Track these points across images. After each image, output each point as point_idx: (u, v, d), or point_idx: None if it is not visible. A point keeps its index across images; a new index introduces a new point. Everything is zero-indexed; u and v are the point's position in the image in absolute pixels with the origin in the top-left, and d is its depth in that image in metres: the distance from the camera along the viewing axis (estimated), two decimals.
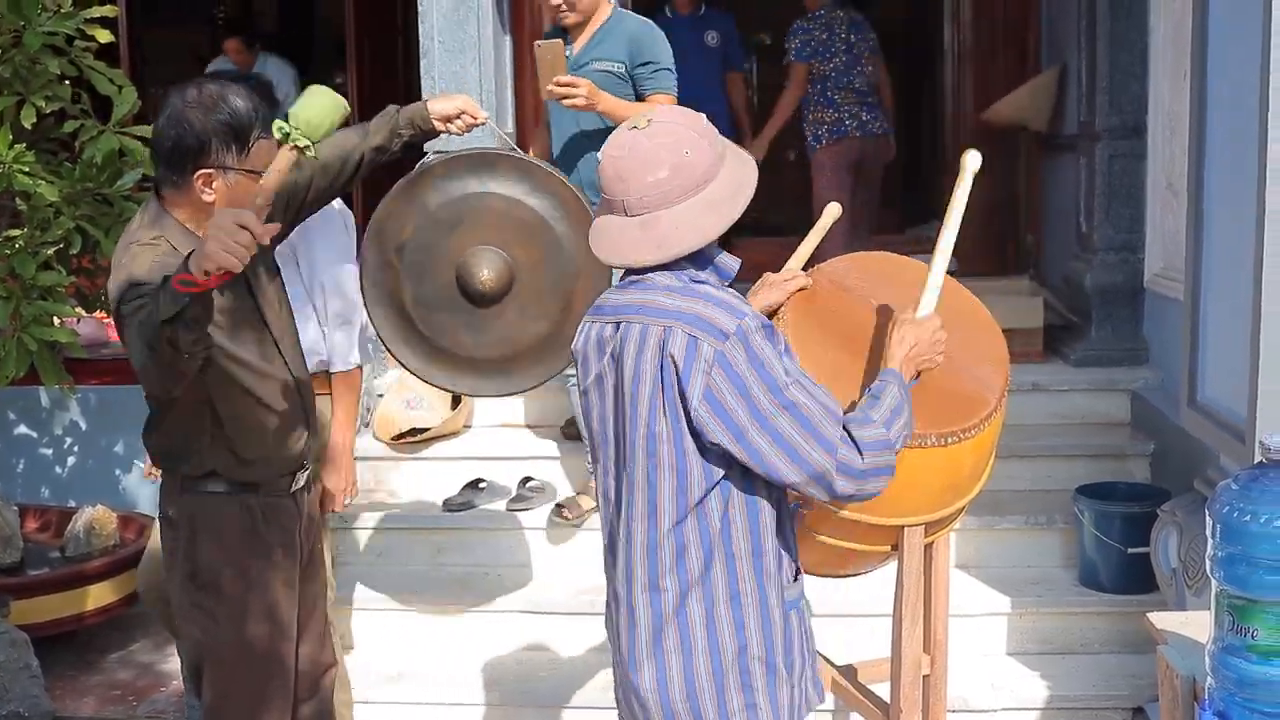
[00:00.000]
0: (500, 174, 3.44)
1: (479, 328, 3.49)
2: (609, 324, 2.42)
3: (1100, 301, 5.55)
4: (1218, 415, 3.70)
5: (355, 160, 3.29)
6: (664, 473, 2.34)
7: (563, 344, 3.49)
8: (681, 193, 2.33)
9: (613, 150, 2.39)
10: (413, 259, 3.45)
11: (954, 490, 2.99)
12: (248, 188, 2.83)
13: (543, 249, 3.43)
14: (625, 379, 2.37)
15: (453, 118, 3.36)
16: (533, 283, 3.46)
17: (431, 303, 3.49)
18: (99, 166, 4.44)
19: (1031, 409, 5.15)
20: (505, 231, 3.43)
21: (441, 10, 5.54)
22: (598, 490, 2.54)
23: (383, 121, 3.33)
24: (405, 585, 4.83)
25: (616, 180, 2.36)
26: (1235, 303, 3.52)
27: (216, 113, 2.83)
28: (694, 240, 2.35)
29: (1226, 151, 3.69)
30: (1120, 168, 5.54)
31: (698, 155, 2.35)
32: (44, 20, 4.39)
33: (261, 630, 3.05)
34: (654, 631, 2.39)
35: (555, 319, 3.47)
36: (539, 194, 3.43)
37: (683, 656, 2.38)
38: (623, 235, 2.37)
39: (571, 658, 4.57)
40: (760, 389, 2.27)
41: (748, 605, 2.38)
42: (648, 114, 2.41)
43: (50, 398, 6.00)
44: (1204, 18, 3.79)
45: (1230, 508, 2.24)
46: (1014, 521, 4.76)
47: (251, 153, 2.86)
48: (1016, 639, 4.49)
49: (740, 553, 2.37)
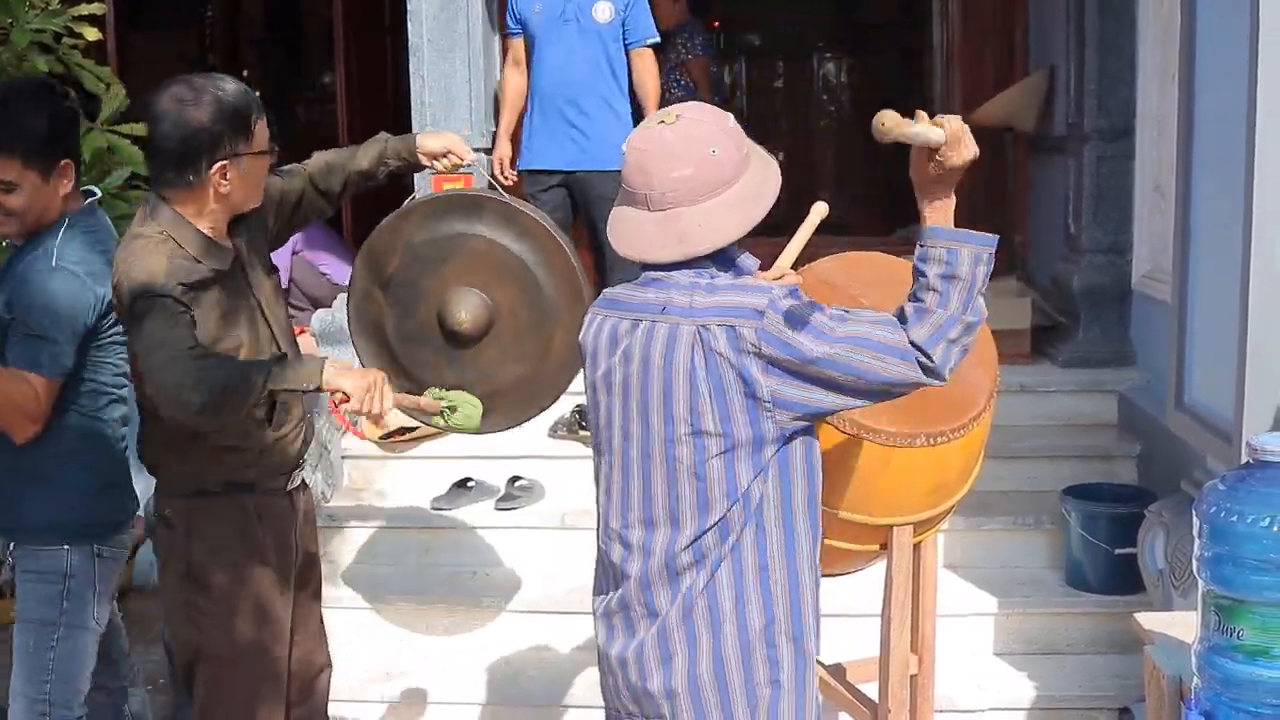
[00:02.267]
0: (486, 216, 3.47)
1: (460, 366, 3.51)
2: (625, 320, 2.40)
3: (1088, 303, 5.57)
4: (1205, 417, 3.71)
5: (342, 179, 3.32)
6: (713, 464, 2.31)
7: (542, 386, 3.53)
8: (705, 191, 2.32)
9: (638, 143, 2.37)
10: (397, 294, 3.48)
11: (942, 490, 3.01)
12: (259, 169, 2.92)
13: (524, 293, 3.46)
14: (651, 379, 2.34)
15: (439, 155, 3.39)
16: (513, 325, 3.49)
17: (413, 338, 3.52)
18: (86, 164, 4.42)
19: (1018, 410, 5.16)
20: (487, 273, 3.46)
21: (431, 9, 5.55)
22: (598, 482, 2.51)
23: (372, 148, 3.36)
24: (394, 584, 4.83)
25: (639, 173, 2.34)
26: (1222, 305, 3.53)
27: (215, 104, 2.84)
28: (715, 239, 2.34)
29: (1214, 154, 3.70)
30: (1108, 170, 5.56)
31: (724, 154, 2.33)
32: (32, 17, 4.37)
33: (254, 629, 3.05)
34: (684, 607, 2.35)
35: (535, 361, 3.50)
36: (523, 238, 3.46)
37: (711, 629, 2.35)
38: (641, 230, 2.35)
39: (561, 656, 4.57)
40: (811, 338, 2.25)
41: (775, 579, 2.36)
42: (676, 109, 2.39)
43: None
44: (1192, 21, 3.80)
45: (1217, 508, 2.25)
46: (1001, 522, 4.78)
47: (255, 135, 2.90)
48: (1003, 639, 4.50)
49: (770, 525, 2.35)
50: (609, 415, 2.44)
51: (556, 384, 3.56)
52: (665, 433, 2.34)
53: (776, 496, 2.36)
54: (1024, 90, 6.53)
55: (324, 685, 3.38)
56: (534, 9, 5.11)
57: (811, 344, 2.25)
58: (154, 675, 4.91)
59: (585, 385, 2.52)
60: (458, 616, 4.69)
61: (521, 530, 4.91)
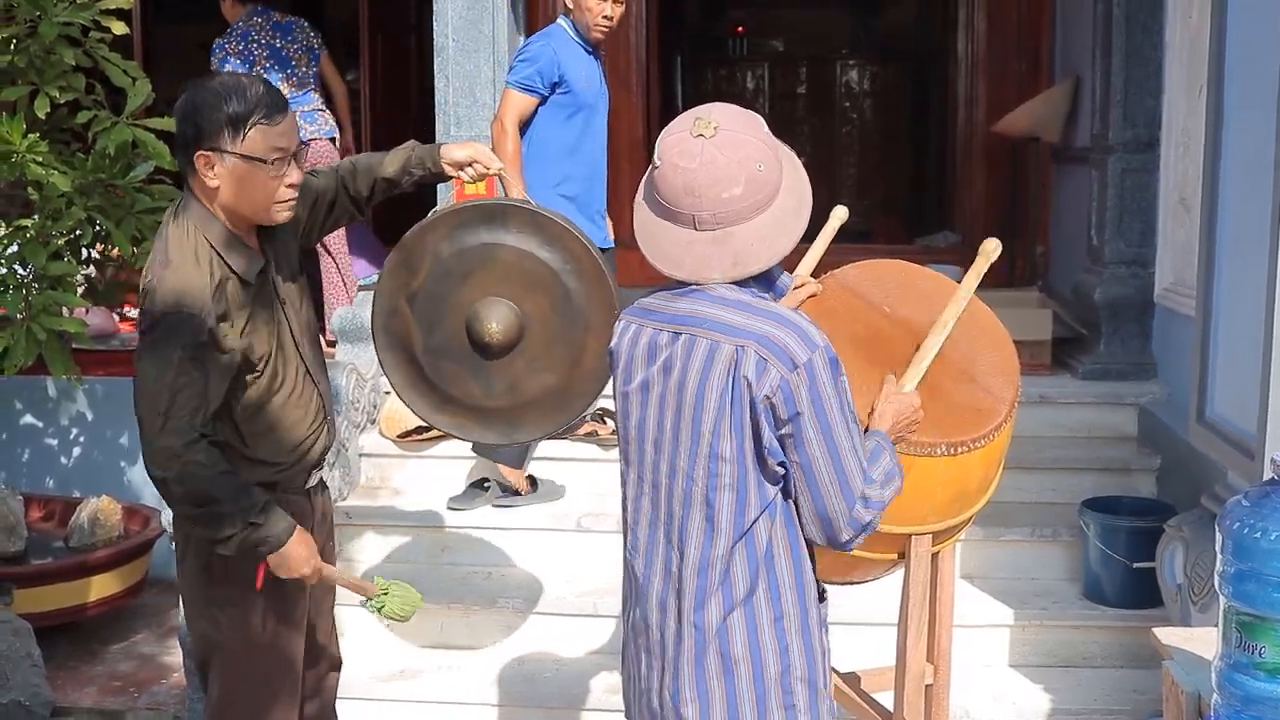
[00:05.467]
0: (513, 225, 3.44)
1: (487, 377, 3.48)
2: (664, 331, 2.37)
3: (1109, 315, 5.54)
4: (1226, 431, 3.70)
5: (369, 183, 3.32)
6: (724, 492, 2.31)
7: (571, 397, 3.49)
8: (755, 209, 2.29)
9: (680, 160, 2.30)
10: (423, 308, 3.45)
11: (962, 500, 2.99)
12: (251, 176, 2.86)
13: (553, 302, 3.42)
14: (687, 393, 2.32)
15: (464, 165, 3.36)
16: (542, 335, 3.44)
17: (441, 351, 3.48)
18: (111, 158, 4.45)
19: (1038, 421, 5.14)
20: (516, 284, 3.42)
21: (457, 9, 5.54)
22: (625, 494, 2.50)
23: (399, 155, 3.34)
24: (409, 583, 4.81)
25: (685, 194, 2.29)
26: (1246, 319, 3.52)
27: (217, 97, 2.84)
28: (769, 257, 2.32)
29: (1241, 167, 3.69)
30: (1132, 181, 5.53)
31: (769, 169, 2.31)
32: (60, 11, 4.40)
33: (271, 626, 3.06)
34: (697, 650, 2.35)
35: (564, 372, 3.46)
36: (551, 247, 3.41)
37: (725, 677, 2.34)
38: (690, 250, 2.31)
39: (575, 659, 4.56)
40: (811, 424, 2.25)
41: (790, 627, 2.36)
42: (709, 114, 2.34)
43: (57, 388, 6.01)
44: (1222, 34, 3.79)
45: (1240, 524, 2.24)
46: (1019, 533, 4.76)
47: (248, 137, 2.84)
48: (1019, 651, 4.48)
49: (783, 573, 2.35)
50: (641, 426, 2.42)
51: (587, 392, 3.51)
52: (690, 449, 2.33)
53: (785, 544, 2.36)
54: (1049, 100, 6.52)
55: (334, 683, 3.39)
56: (582, 78, 4.89)
57: (810, 424, 2.25)
58: (170, 669, 4.93)
59: (614, 394, 2.50)
60: (472, 617, 4.69)
61: (537, 532, 4.90)
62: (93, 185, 4.43)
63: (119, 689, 4.80)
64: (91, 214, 4.41)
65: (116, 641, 5.23)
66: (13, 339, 4.30)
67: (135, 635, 5.29)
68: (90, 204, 4.41)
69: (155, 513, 5.34)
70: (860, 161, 11.91)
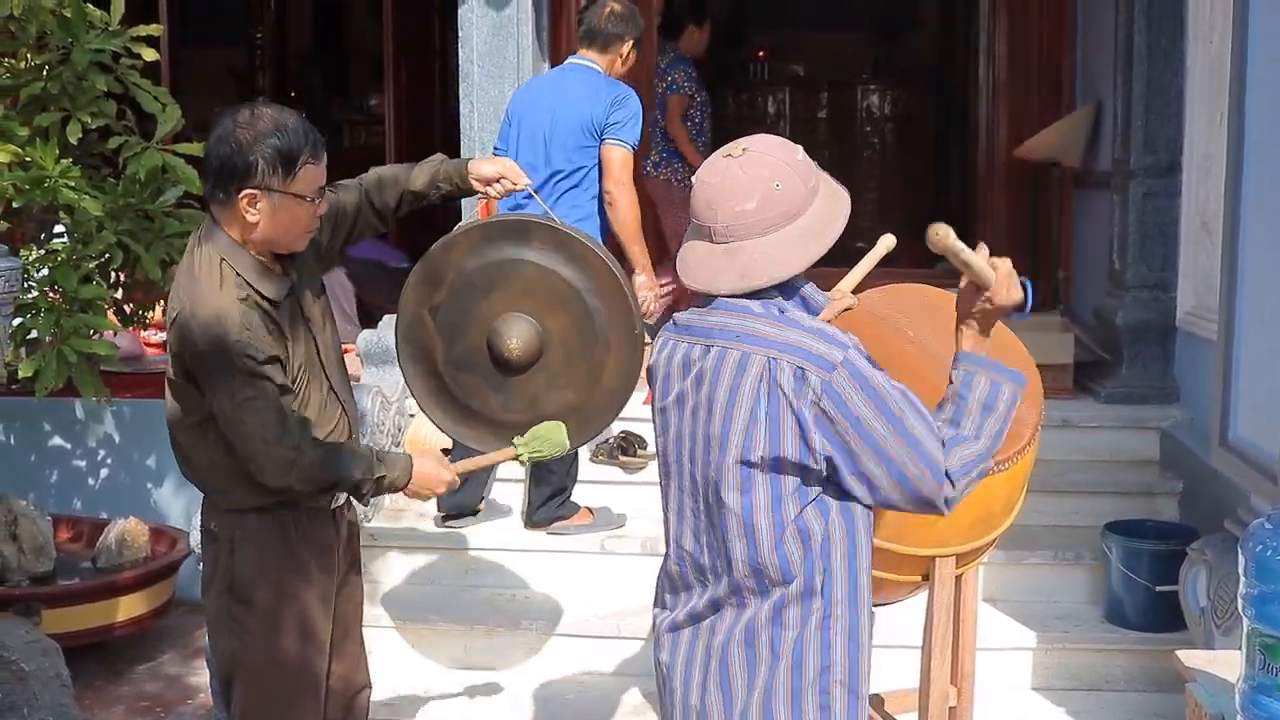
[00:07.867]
0: (536, 242, 3.46)
1: (508, 392, 3.51)
2: (698, 345, 2.40)
3: (1131, 339, 5.55)
4: (1249, 455, 3.71)
5: (396, 196, 3.33)
6: (759, 496, 2.33)
7: (592, 413, 3.51)
8: (769, 225, 2.33)
9: (706, 176, 2.39)
10: (446, 320, 3.48)
11: (986, 523, 3.00)
12: (294, 213, 2.88)
13: (574, 320, 3.44)
14: (718, 404, 2.35)
15: (492, 180, 3.38)
16: (563, 352, 3.46)
17: (462, 364, 3.51)
18: (142, 183, 4.50)
19: (1060, 445, 5.15)
20: (538, 300, 3.44)
21: (482, 35, 5.60)
22: (666, 507, 2.52)
23: (427, 168, 3.36)
24: (434, 605, 4.85)
25: (706, 207, 2.37)
26: (1268, 342, 3.54)
27: (266, 134, 2.84)
28: (778, 272, 2.35)
29: (1263, 192, 3.71)
30: (1154, 206, 5.55)
31: (788, 188, 2.35)
32: (92, 38, 4.46)
33: (294, 645, 3.07)
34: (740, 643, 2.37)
35: (583, 389, 3.48)
36: (573, 264, 3.44)
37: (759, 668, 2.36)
38: (707, 262, 2.37)
39: (599, 680, 4.58)
40: (872, 414, 2.26)
41: (837, 628, 2.37)
42: (745, 142, 2.41)
43: (85, 410, 6.05)
44: (1242, 60, 3.82)
45: (1264, 546, 2.26)
46: (1042, 556, 4.77)
47: (298, 177, 2.87)
48: (1042, 674, 4.49)
49: (837, 575, 2.36)
50: (679, 438, 2.45)
51: (606, 411, 3.54)
52: (719, 458, 2.36)
53: (843, 548, 2.36)
54: (1070, 125, 6.53)
55: (363, 705, 3.39)
56: None
57: (868, 411, 2.26)
58: (197, 689, 4.96)
59: (653, 409, 2.53)
60: (496, 638, 4.71)
61: (561, 554, 4.92)
62: (123, 210, 4.48)
63: (146, 709, 4.82)
64: (122, 238, 4.46)
65: (143, 662, 5.25)
66: (44, 361, 4.35)
67: (162, 656, 5.31)
68: (120, 228, 4.46)
69: (182, 534, 5.37)
70: (881, 186, 11.90)
